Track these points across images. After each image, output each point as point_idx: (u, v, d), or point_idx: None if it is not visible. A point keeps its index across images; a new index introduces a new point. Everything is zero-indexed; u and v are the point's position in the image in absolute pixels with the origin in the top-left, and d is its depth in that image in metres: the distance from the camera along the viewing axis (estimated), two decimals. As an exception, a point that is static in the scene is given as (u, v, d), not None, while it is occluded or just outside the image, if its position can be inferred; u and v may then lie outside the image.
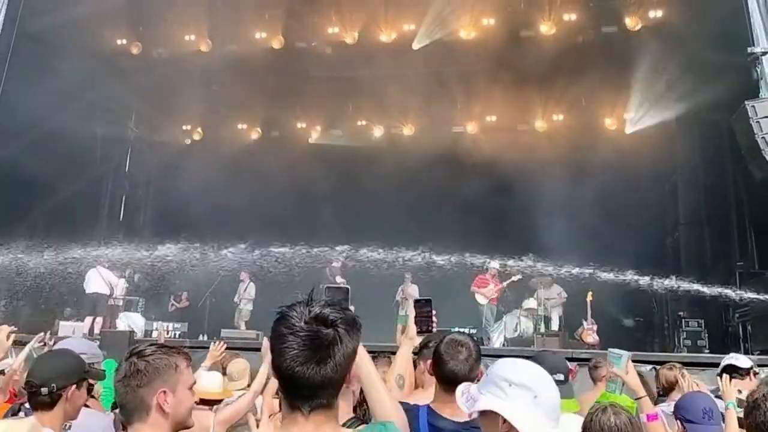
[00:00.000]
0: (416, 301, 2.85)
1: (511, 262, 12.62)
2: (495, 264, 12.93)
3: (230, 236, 13.76)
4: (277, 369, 1.62)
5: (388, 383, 2.49)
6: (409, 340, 2.84)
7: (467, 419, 2.12)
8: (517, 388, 1.93)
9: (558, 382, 3.04)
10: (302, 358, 1.57)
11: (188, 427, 2.25)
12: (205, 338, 12.69)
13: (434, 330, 2.85)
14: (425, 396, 2.90)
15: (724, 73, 12.13)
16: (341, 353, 1.60)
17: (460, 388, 2.18)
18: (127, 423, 2.09)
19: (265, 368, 4.60)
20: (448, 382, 2.42)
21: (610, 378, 5.05)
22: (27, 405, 3.25)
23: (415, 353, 5.10)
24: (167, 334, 11.94)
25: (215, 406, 3.94)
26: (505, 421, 1.89)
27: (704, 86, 12.96)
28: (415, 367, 3.22)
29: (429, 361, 2.89)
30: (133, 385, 2.06)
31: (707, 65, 12.61)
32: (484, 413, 1.98)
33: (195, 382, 2.55)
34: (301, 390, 1.60)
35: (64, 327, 11.62)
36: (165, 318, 13.76)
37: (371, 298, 10.26)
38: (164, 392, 2.07)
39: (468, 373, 2.71)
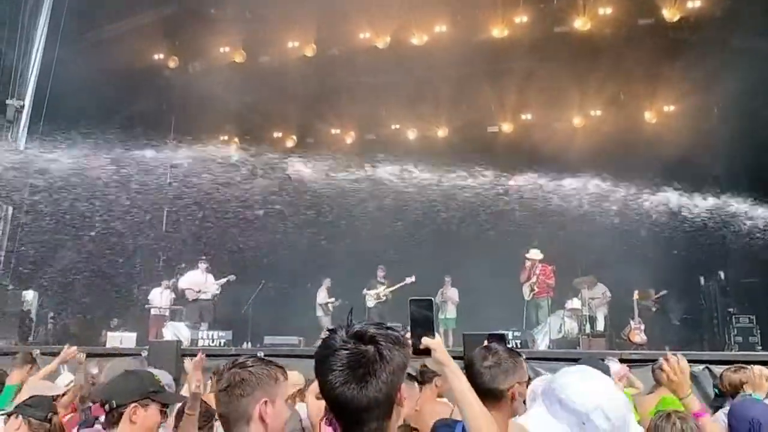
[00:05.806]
0: (412, 301, 2.08)
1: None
2: (533, 252, 12.32)
3: (272, 244, 13.94)
4: (322, 391, 1.55)
5: None
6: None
7: None
8: (567, 412, 1.88)
9: None
10: (342, 378, 1.49)
11: None
12: (249, 345, 12.81)
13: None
14: None
15: (765, 61, 11.79)
16: (385, 371, 1.50)
17: (533, 385, 2.18)
18: None
19: None
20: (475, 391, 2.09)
21: None
22: (102, 418, 3.35)
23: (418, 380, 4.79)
24: (212, 342, 12.10)
25: None
26: None
27: (744, 75, 12.60)
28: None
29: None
30: (237, 395, 2.07)
31: (747, 53, 12.27)
32: None
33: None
34: (349, 414, 1.50)
35: (112, 338, 11.83)
36: (208, 326, 13.87)
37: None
38: (266, 402, 2.08)
39: (490, 382, 2.46)
